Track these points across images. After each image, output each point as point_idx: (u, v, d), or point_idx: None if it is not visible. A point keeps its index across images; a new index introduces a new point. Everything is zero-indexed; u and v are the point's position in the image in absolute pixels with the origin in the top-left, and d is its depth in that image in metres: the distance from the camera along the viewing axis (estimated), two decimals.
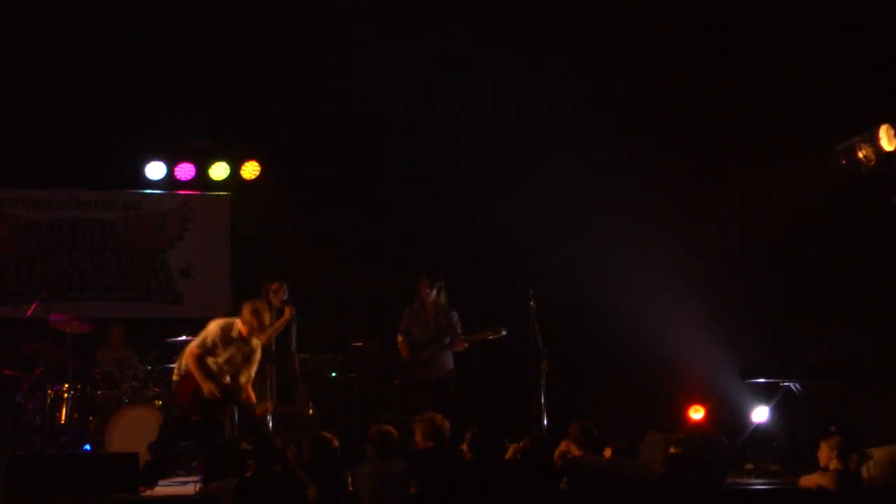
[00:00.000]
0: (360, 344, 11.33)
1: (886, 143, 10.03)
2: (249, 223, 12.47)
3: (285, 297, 10.18)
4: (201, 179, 12.51)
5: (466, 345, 10.37)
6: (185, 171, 12.43)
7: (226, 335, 9.03)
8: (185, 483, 9.04)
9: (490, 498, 7.59)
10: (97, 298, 12.14)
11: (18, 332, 10.79)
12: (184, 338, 10.26)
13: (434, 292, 10.41)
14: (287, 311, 10.13)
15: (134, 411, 10.22)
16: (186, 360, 9.05)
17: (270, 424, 9.87)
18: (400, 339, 10.44)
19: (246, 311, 9.07)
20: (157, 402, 10.66)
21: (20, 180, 12.00)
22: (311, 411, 10.54)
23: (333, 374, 11.21)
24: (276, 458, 7.43)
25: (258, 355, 9.20)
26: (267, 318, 9.15)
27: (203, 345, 9.02)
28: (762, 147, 11.68)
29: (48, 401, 10.19)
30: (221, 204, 12.67)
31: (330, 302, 11.66)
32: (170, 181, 12.45)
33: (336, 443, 7.71)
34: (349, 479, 7.80)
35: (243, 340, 9.07)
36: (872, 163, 10.19)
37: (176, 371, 9.23)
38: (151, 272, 12.32)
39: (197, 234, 12.55)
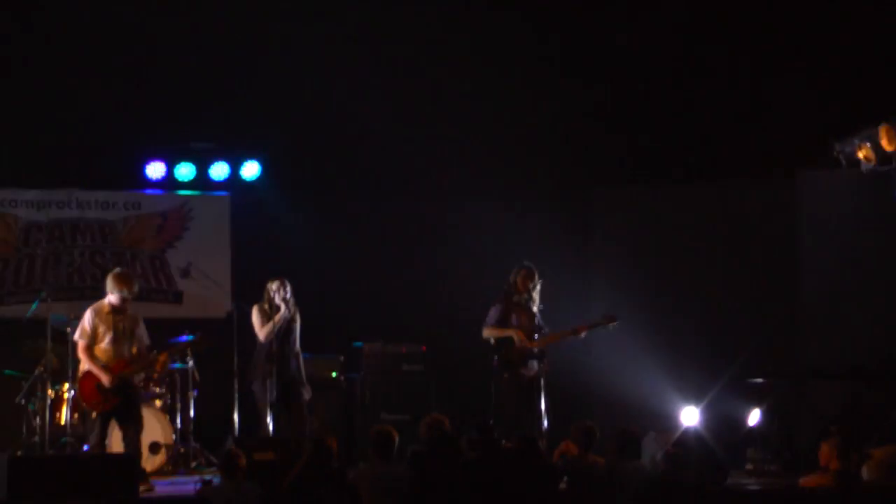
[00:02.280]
0: (361, 344, 11.33)
1: (886, 143, 10.02)
2: (249, 223, 12.46)
3: (287, 296, 10.07)
4: (201, 179, 12.50)
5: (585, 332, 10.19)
6: (185, 171, 12.42)
7: (99, 314, 9.37)
8: (185, 483, 9.06)
9: (490, 498, 7.59)
10: (97, 298, 12.07)
11: (18, 332, 10.80)
12: (184, 337, 10.27)
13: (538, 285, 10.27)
14: (283, 309, 10.00)
15: None
16: (79, 357, 9.35)
17: (270, 427, 9.85)
18: (516, 332, 10.07)
19: (110, 280, 9.42)
20: (157, 401, 10.70)
21: (20, 180, 11.99)
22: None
23: (333, 374, 11.20)
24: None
25: (139, 317, 9.52)
26: (133, 286, 9.48)
27: (84, 336, 9.31)
28: (762, 146, 11.68)
29: (48, 401, 10.19)
30: (221, 204, 12.64)
31: (330, 302, 11.65)
32: (170, 181, 12.44)
33: (334, 445, 7.71)
34: (350, 480, 7.80)
35: (119, 310, 9.35)
36: (872, 163, 10.18)
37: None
38: (151, 272, 12.28)
39: (197, 234, 12.51)
